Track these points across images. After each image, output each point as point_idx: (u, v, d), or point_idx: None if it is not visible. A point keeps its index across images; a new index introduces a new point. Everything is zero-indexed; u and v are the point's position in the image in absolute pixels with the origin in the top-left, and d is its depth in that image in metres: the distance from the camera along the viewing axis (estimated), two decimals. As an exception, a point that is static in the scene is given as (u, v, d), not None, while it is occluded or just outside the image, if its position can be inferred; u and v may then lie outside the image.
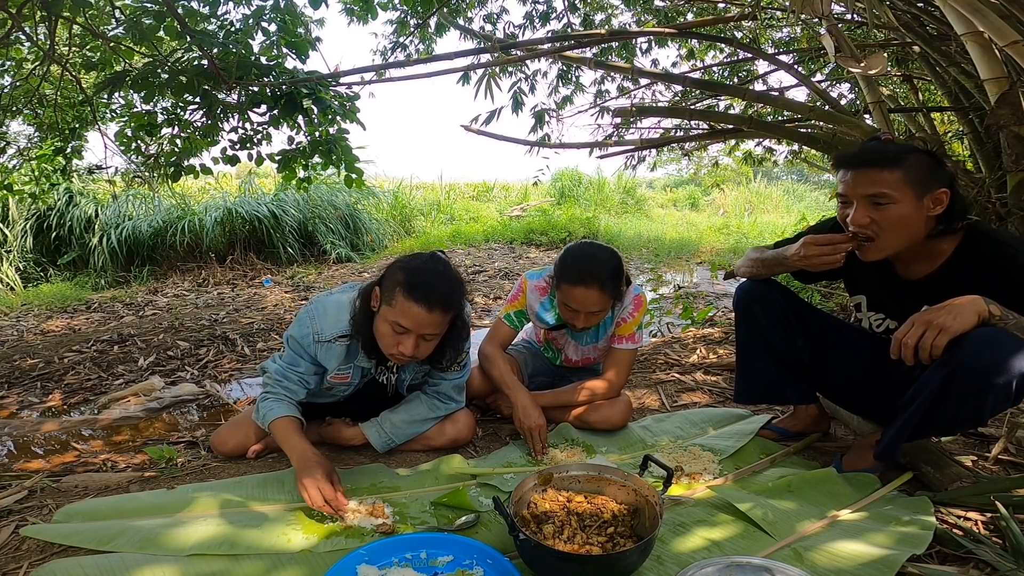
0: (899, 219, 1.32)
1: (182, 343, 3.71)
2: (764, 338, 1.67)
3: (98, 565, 1.19)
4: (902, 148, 1.36)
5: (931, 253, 1.39)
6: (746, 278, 1.75)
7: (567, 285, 1.76)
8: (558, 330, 1.99)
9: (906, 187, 1.31)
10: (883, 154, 1.34)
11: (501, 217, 10.36)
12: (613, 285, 1.77)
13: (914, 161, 1.32)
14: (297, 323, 1.64)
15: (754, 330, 1.69)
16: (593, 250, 1.81)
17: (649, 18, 4.65)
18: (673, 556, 1.25)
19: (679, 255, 7.60)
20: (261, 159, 3.21)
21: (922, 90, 4.05)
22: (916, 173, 1.31)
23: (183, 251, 6.63)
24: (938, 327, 1.20)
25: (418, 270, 1.48)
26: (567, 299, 1.78)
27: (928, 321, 1.22)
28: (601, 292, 1.73)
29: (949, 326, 1.20)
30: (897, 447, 1.41)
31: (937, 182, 1.32)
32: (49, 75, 3.58)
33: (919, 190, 1.31)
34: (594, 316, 1.80)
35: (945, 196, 1.32)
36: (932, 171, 1.33)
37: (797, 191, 14.77)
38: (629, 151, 4.70)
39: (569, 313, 1.81)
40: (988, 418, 1.33)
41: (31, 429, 2.50)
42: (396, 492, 1.54)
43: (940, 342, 1.20)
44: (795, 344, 1.65)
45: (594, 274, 1.72)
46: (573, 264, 1.77)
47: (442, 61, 3.06)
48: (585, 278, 1.72)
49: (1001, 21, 1.83)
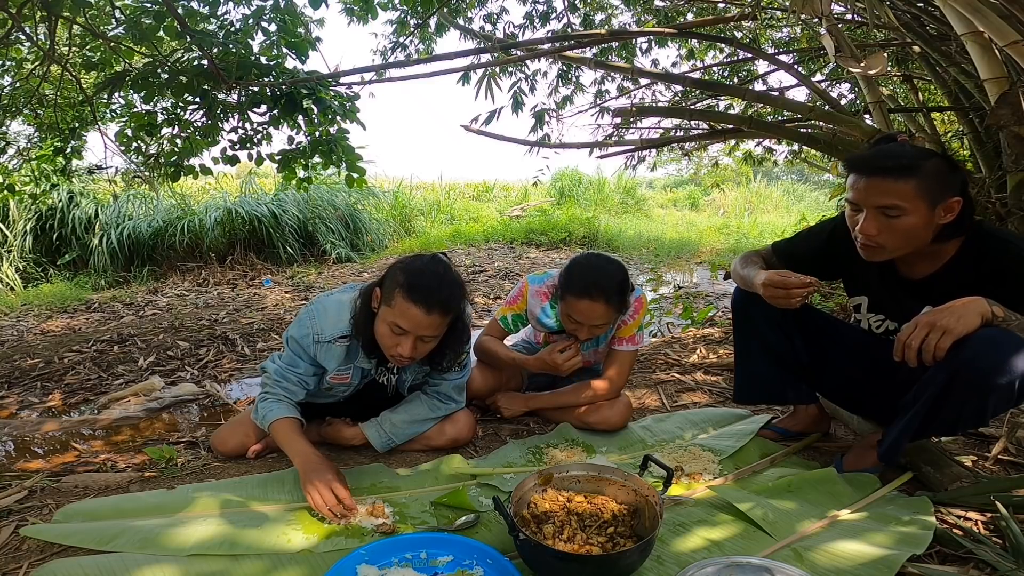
0: (909, 229, 1.29)
1: (182, 343, 3.71)
2: (761, 338, 1.67)
3: (98, 565, 1.19)
4: (918, 154, 1.31)
5: (934, 254, 1.38)
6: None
7: (572, 298, 1.72)
8: (559, 333, 1.99)
9: (919, 199, 1.26)
10: (898, 161, 1.29)
11: (501, 217, 10.36)
12: (619, 299, 1.74)
13: (930, 169, 1.27)
14: (297, 323, 1.64)
15: (751, 330, 1.69)
16: (600, 263, 1.78)
17: (649, 18, 4.65)
18: (673, 556, 1.25)
19: (679, 255, 7.60)
20: (261, 159, 3.21)
21: (922, 90, 4.05)
22: (930, 182, 1.26)
23: (183, 251, 6.63)
24: (942, 329, 1.19)
25: (418, 272, 1.48)
26: (571, 311, 1.75)
27: (931, 323, 1.21)
28: (607, 306, 1.71)
29: (953, 328, 1.18)
30: (900, 448, 1.41)
31: (951, 190, 1.27)
32: (49, 75, 3.58)
33: (932, 200, 1.27)
34: (598, 329, 1.78)
35: (957, 204, 1.28)
36: (946, 179, 1.28)
37: (797, 191, 14.77)
38: (629, 151, 4.70)
39: (572, 325, 1.78)
40: (990, 418, 1.33)
41: (31, 429, 2.50)
42: (396, 492, 1.54)
43: (944, 344, 1.19)
44: (793, 344, 1.65)
45: (601, 288, 1.69)
46: (580, 277, 1.73)
47: (442, 61, 3.06)
48: (591, 291, 1.69)
49: (1001, 21, 1.83)
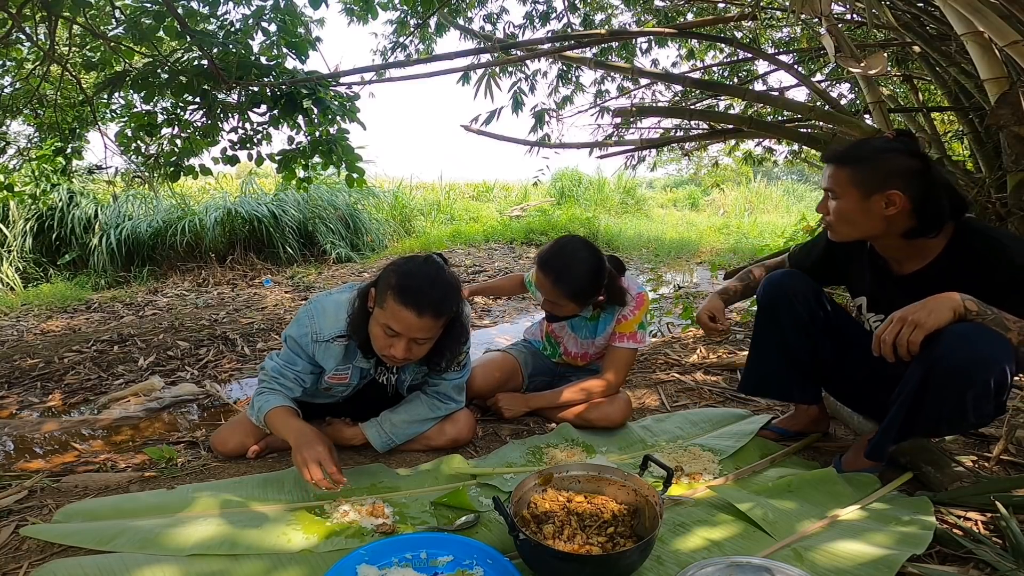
0: (841, 213, 1.41)
1: (182, 343, 3.71)
2: (782, 338, 1.65)
3: (98, 565, 1.19)
4: (879, 147, 1.38)
5: (921, 250, 1.40)
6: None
7: (539, 271, 1.81)
8: (558, 321, 2.00)
9: (850, 186, 1.38)
10: (847, 151, 1.41)
11: (501, 217, 10.36)
12: (581, 294, 1.78)
13: (876, 162, 1.35)
14: (296, 323, 1.64)
15: (774, 328, 1.67)
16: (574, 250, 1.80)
17: (649, 18, 4.65)
18: (673, 556, 1.25)
19: (679, 255, 7.60)
20: (261, 159, 3.21)
21: (922, 90, 4.05)
22: (866, 174, 1.36)
23: (183, 251, 6.63)
24: (913, 324, 1.22)
25: (410, 274, 1.47)
26: (537, 283, 1.83)
27: (903, 318, 1.24)
28: (571, 299, 1.78)
29: (924, 322, 1.22)
30: (885, 447, 1.43)
31: (892, 185, 1.33)
32: (49, 75, 3.58)
33: (864, 190, 1.36)
34: (559, 308, 1.83)
35: (898, 198, 1.32)
36: (891, 173, 1.33)
37: (797, 191, 14.77)
38: (629, 151, 4.69)
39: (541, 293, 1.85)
40: (975, 415, 1.31)
41: (31, 429, 2.50)
42: (396, 492, 1.54)
43: (916, 338, 1.22)
44: (815, 344, 1.63)
45: (563, 277, 1.76)
46: (550, 256, 1.80)
47: (442, 61, 3.06)
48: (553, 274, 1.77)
49: (1001, 21, 1.83)
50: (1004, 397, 1.34)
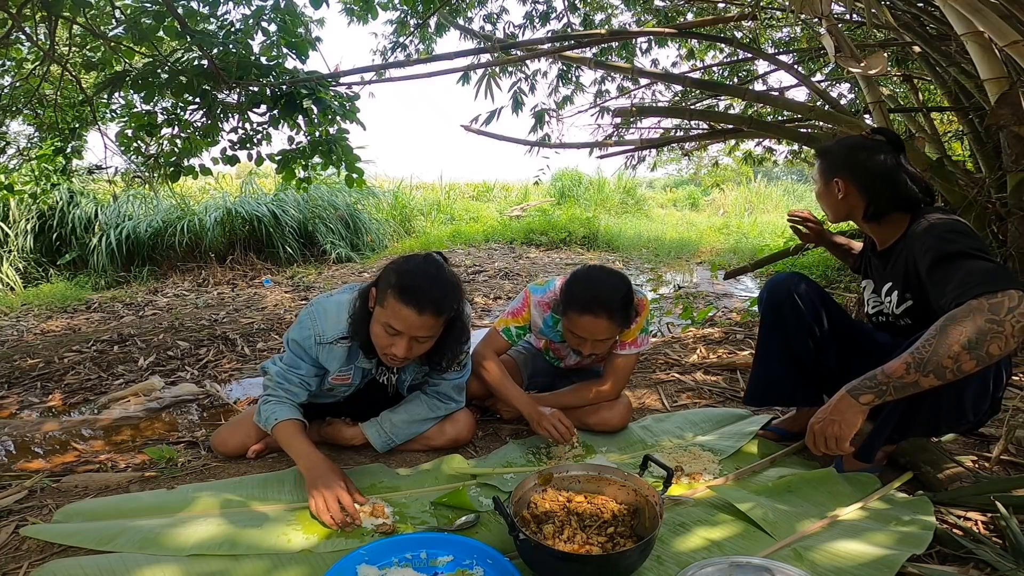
0: (819, 196, 1.61)
1: (182, 343, 3.71)
2: (787, 338, 1.65)
3: (98, 565, 1.19)
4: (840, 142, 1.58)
5: (890, 230, 1.51)
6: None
7: (575, 314, 1.67)
8: (562, 343, 1.97)
9: (818, 174, 1.59)
10: (820, 147, 1.64)
11: (501, 217, 10.37)
12: (623, 314, 1.68)
13: (831, 154, 1.56)
14: (298, 325, 1.64)
15: (780, 331, 1.66)
16: (602, 276, 1.71)
17: (649, 18, 4.66)
18: (673, 556, 1.25)
19: (679, 255, 7.60)
20: (261, 159, 3.21)
21: (922, 90, 4.06)
22: (826, 164, 1.56)
23: (183, 251, 6.63)
24: (834, 437, 1.28)
25: (410, 272, 1.47)
26: (574, 327, 1.69)
27: (823, 433, 1.30)
28: (610, 321, 1.65)
29: (841, 434, 1.27)
30: (874, 446, 1.45)
31: (836, 173, 1.52)
32: (49, 75, 3.58)
33: (824, 178, 1.57)
34: (601, 344, 1.74)
35: (843, 185, 1.50)
36: (836, 163, 1.53)
37: (797, 191, 14.79)
38: (629, 151, 4.70)
39: (575, 340, 1.74)
40: (974, 413, 1.35)
41: (31, 429, 2.50)
42: (396, 492, 1.54)
43: (843, 448, 1.28)
44: (819, 346, 1.63)
45: (603, 303, 1.64)
46: (581, 292, 1.67)
47: (442, 61, 3.06)
48: (593, 307, 1.64)
49: (1001, 21, 1.83)
50: (1000, 394, 1.38)
